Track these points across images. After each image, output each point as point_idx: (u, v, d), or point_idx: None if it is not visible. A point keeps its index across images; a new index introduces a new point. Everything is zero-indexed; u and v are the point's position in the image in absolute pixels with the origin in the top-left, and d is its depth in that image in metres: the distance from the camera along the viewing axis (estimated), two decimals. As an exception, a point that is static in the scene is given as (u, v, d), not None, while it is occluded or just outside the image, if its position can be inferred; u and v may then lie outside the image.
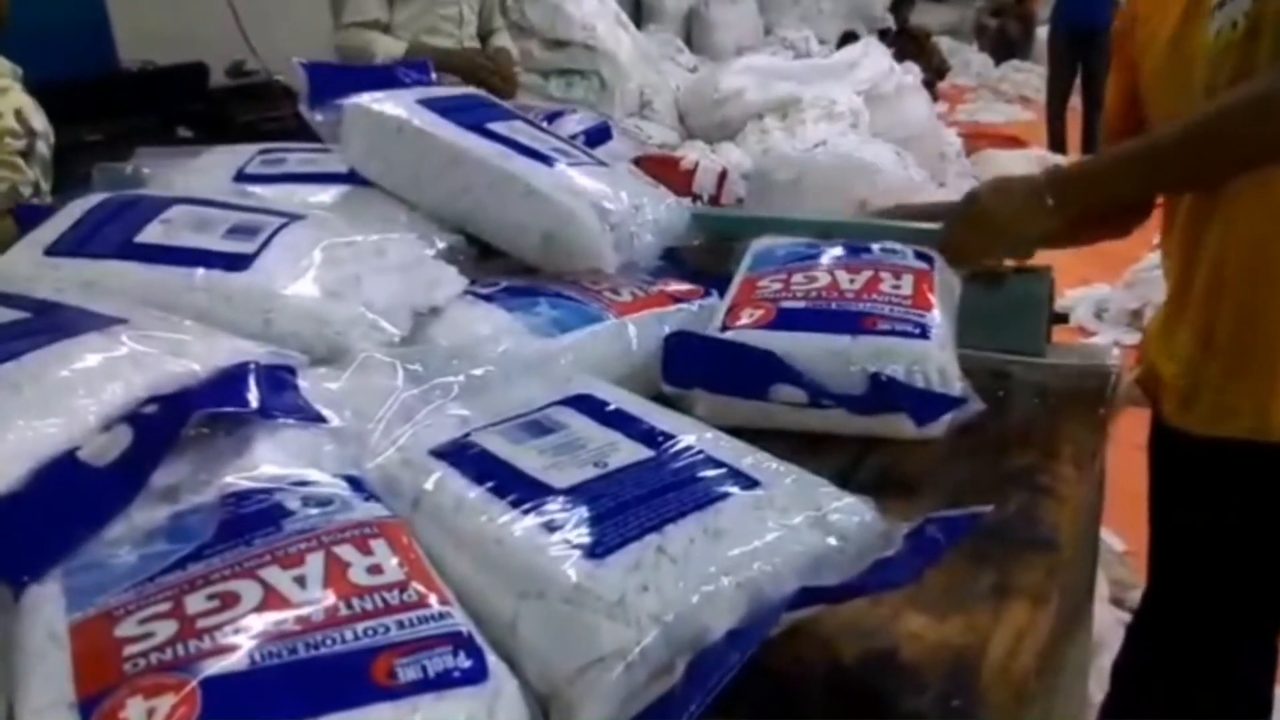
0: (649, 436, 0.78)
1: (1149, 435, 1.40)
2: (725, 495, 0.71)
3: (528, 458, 0.75)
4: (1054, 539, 0.87)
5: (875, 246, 1.18)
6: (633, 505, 0.69)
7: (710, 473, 0.74)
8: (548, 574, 0.64)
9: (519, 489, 0.71)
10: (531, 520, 0.68)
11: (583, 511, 0.68)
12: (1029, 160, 6.09)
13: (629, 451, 0.76)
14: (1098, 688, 1.60)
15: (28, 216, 1.06)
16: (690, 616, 0.62)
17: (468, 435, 0.78)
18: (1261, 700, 1.34)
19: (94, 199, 1.07)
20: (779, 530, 0.69)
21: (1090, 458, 1.05)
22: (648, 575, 0.63)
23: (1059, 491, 0.95)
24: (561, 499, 0.69)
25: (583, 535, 0.66)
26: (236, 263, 0.96)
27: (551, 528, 0.67)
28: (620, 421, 0.81)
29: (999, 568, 0.82)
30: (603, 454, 0.75)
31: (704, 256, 1.32)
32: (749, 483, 0.73)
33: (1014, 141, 6.02)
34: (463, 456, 0.76)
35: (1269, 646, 1.32)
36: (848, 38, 7.04)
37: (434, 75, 1.49)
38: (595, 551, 0.65)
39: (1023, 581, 0.80)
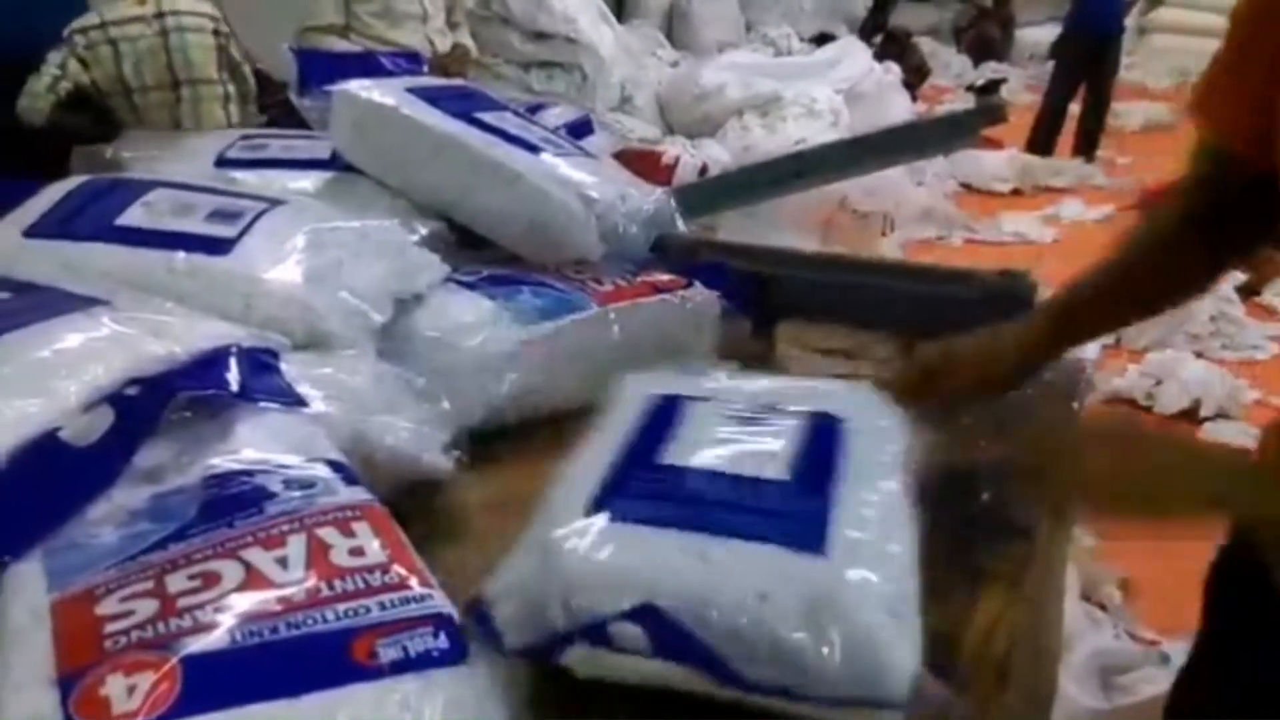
0: None
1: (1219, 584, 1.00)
2: None
3: None
4: (1028, 528, 0.88)
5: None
6: None
7: None
8: None
9: None
10: None
11: None
12: (1006, 161, 6.12)
13: None
14: (1069, 681, 1.62)
15: (6, 196, 1.05)
16: None
17: None
18: None
19: (74, 181, 1.07)
20: None
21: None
22: None
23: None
24: None
25: None
26: (218, 246, 0.96)
27: None
28: None
29: (975, 555, 0.83)
30: None
31: (688, 248, 1.33)
32: None
33: (992, 142, 6.05)
34: None
35: None
36: (823, 38, 7.06)
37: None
38: None
39: (998, 569, 0.82)
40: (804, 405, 0.83)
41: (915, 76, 7.41)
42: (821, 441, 0.78)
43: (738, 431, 0.79)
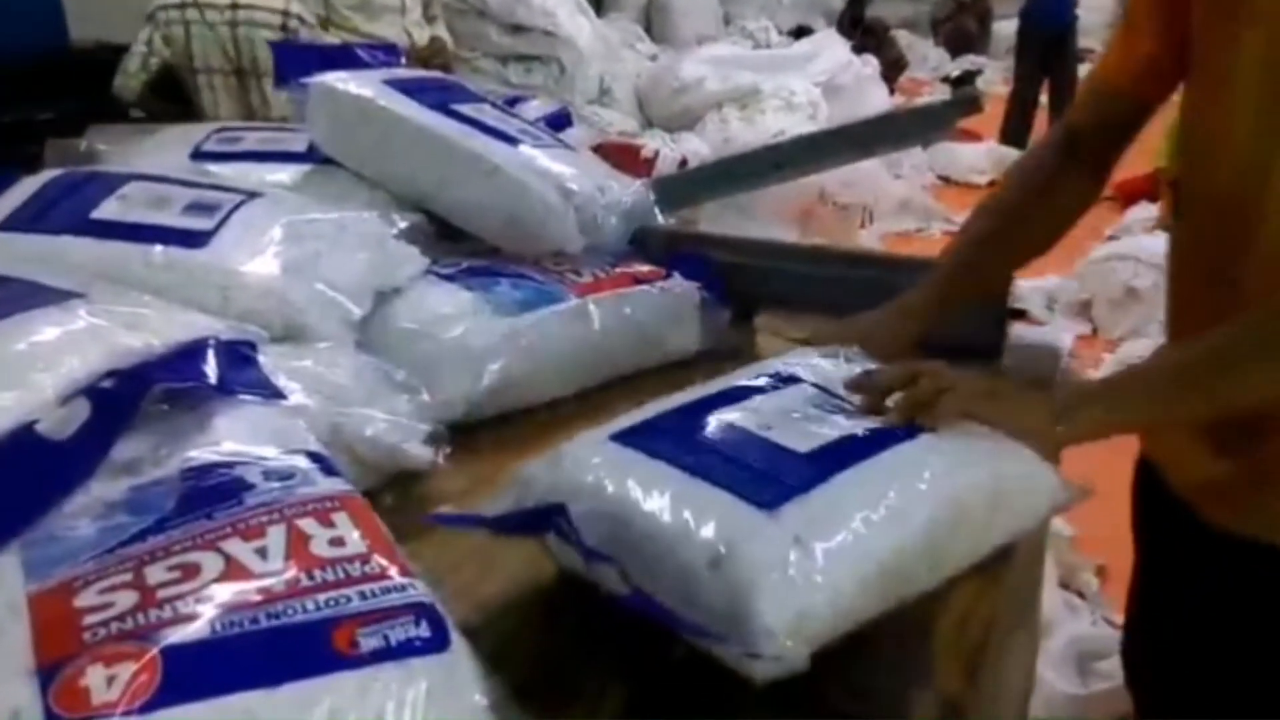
0: None
1: (1140, 508, 1.17)
2: None
3: None
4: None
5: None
6: None
7: None
8: None
9: None
10: None
11: None
12: (984, 153, 6.16)
13: None
14: (1048, 667, 1.64)
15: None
16: None
17: None
18: None
19: (48, 175, 1.06)
20: None
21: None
22: None
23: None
24: None
25: None
26: (194, 239, 0.95)
27: None
28: None
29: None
30: None
31: (666, 240, 1.33)
32: None
33: (969, 135, 6.08)
34: None
35: None
36: (801, 31, 7.07)
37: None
38: None
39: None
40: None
41: (893, 69, 7.43)
42: (878, 438, 0.79)
43: (814, 411, 0.82)
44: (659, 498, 0.71)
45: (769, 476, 0.72)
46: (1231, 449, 0.97)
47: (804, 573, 0.66)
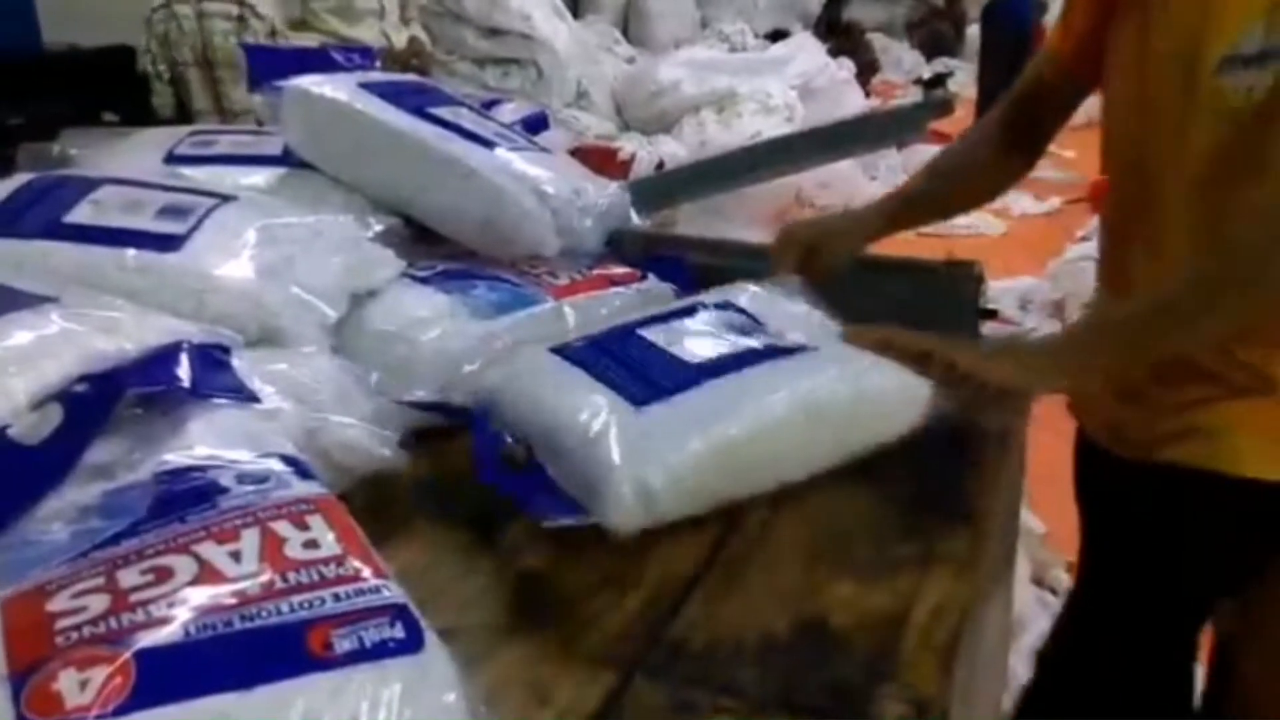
0: None
1: (1076, 459, 1.34)
2: None
3: None
4: (976, 512, 0.90)
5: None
6: None
7: None
8: None
9: None
10: None
11: None
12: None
13: None
14: (1020, 664, 1.65)
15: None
16: None
17: None
18: (1184, 687, 1.31)
19: (20, 179, 1.05)
20: None
21: (1012, 436, 1.08)
22: None
23: (982, 467, 0.98)
24: None
25: None
26: (168, 243, 0.95)
27: None
28: None
29: (924, 538, 0.85)
30: None
31: (643, 242, 1.33)
32: None
33: (942, 136, 6.11)
34: None
35: (1193, 637, 1.28)
36: (777, 34, 7.10)
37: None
38: None
39: (946, 552, 0.83)
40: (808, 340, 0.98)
41: (867, 72, 7.47)
42: (764, 355, 0.93)
43: (725, 331, 0.97)
44: (561, 394, 0.89)
45: (651, 381, 0.89)
46: (1129, 396, 1.16)
47: (649, 456, 0.82)
